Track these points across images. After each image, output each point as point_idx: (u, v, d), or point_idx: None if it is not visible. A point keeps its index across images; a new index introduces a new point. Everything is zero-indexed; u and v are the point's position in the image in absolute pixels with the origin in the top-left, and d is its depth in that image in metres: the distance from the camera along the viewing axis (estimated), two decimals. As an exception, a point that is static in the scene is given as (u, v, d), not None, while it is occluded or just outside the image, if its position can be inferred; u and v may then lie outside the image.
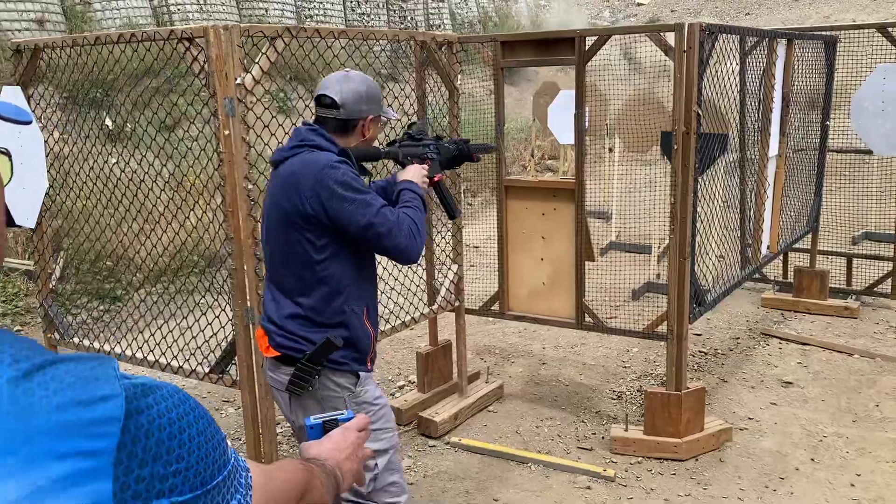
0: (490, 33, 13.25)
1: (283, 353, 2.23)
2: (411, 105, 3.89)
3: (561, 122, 7.79)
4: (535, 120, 10.10)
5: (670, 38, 3.41)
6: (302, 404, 2.25)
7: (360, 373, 2.28)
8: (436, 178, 2.54)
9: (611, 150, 8.36)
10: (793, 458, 3.64)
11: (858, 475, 3.47)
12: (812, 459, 3.62)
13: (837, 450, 3.70)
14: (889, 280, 5.54)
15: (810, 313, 5.52)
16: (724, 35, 3.87)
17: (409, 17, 12.17)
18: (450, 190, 2.75)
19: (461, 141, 2.68)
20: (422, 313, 3.88)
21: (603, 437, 3.84)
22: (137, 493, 0.70)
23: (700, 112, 3.42)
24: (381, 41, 3.63)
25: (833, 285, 5.67)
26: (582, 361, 4.90)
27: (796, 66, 4.83)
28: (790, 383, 4.43)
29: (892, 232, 5.74)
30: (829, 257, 5.95)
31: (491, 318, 5.63)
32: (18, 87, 3.38)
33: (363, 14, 11.21)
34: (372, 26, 11.39)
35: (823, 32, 5.33)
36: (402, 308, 3.81)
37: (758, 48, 4.52)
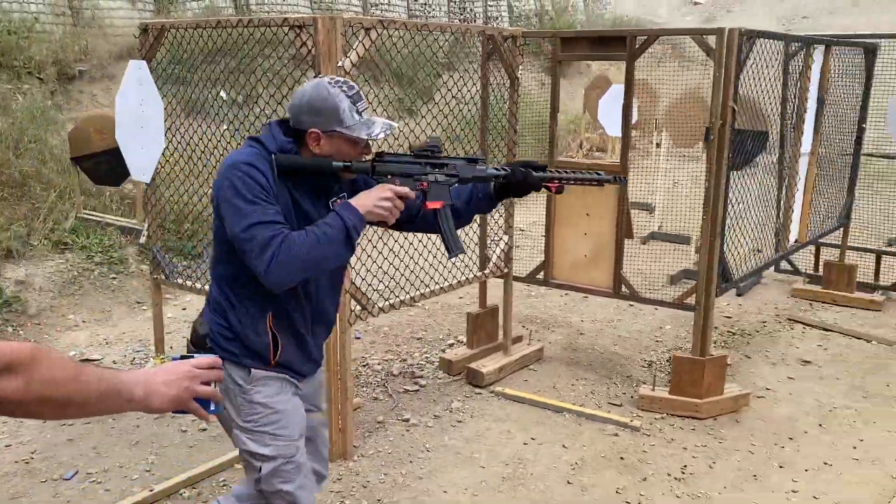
0: (547, 28, 13.61)
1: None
2: (468, 91, 4.35)
3: (611, 114, 8.17)
4: (586, 112, 10.48)
5: (712, 40, 3.82)
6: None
7: (252, 370, 2.18)
8: (429, 206, 2.20)
9: (658, 144, 8.72)
10: (803, 423, 4.04)
11: (861, 440, 3.86)
12: (820, 425, 4.02)
13: (845, 419, 4.09)
14: (915, 277, 5.85)
15: (837, 304, 5.86)
16: (765, 39, 4.25)
17: (468, 9, 12.62)
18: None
19: (520, 164, 2.24)
20: (474, 275, 4.38)
21: (632, 397, 4.29)
22: None
23: (736, 108, 3.83)
24: (446, 33, 4.11)
25: (861, 280, 5.99)
26: (617, 334, 5.35)
27: (833, 71, 5.17)
28: (809, 362, 4.81)
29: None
30: (861, 254, 6.27)
31: (533, 292, 6.12)
32: (143, 62, 3.95)
33: (425, 5, 11.70)
34: (433, 17, 11.88)
35: (864, 40, 5.63)
36: (457, 269, 4.30)
37: (799, 52, 4.88)
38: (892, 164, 6.90)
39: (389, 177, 2.16)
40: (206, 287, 4.07)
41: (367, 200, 2.08)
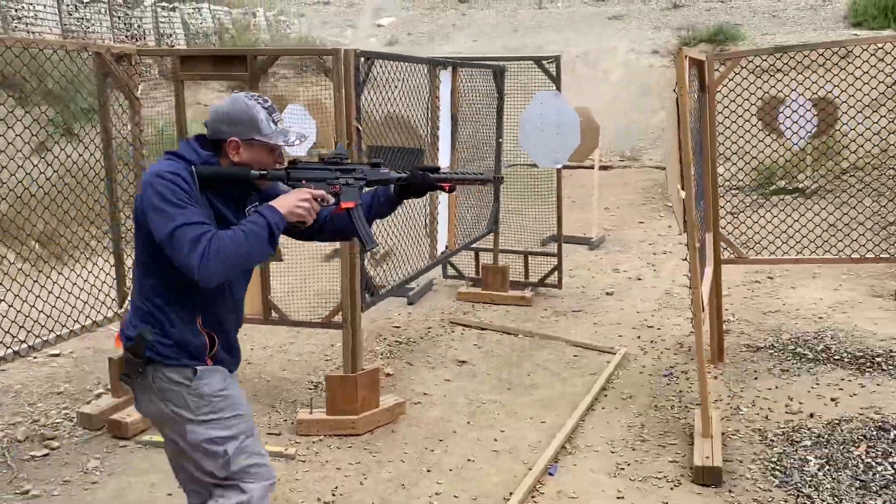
0: (228, 47, 13.20)
1: (123, 344, 2.41)
2: (124, 112, 3.98)
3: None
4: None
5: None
6: (143, 395, 2.38)
7: (197, 368, 2.34)
8: (343, 206, 2.43)
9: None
10: (453, 423, 4.25)
11: (503, 431, 4.16)
12: (468, 422, 4.26)
13: (490, 413, 4.39)
14: (555, 274, 6.56)
15: (494, 304, 6.35)
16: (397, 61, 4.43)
17: (136, 25, 11.79)
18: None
19: (417, 168, 2.52)
20: (116, 313, 3.97)
21: (292, 423, 4.19)
22: None
23: (361, 127, 3.92)
24: (58, 51, 3.70)
25: (514, 279, 6.57)
26: (287, 358, 5.23)
27: (472, 90, 5.60)
28: (464, 362, 5.12)
29: (581, 235, 6.80)
30: (517, 255, 6.88)
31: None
32: None
33: (82, 19, 10.67)
34: (93, 32, 10.89)
35: (492, 63, 6.19)
36: (92, 308, 3.87)
37: (439, 74, 5.18)
38: (535, 173, 7.69)
39: (304, 182, 2.39)
40: None
41: (287, 201, 2.28)
